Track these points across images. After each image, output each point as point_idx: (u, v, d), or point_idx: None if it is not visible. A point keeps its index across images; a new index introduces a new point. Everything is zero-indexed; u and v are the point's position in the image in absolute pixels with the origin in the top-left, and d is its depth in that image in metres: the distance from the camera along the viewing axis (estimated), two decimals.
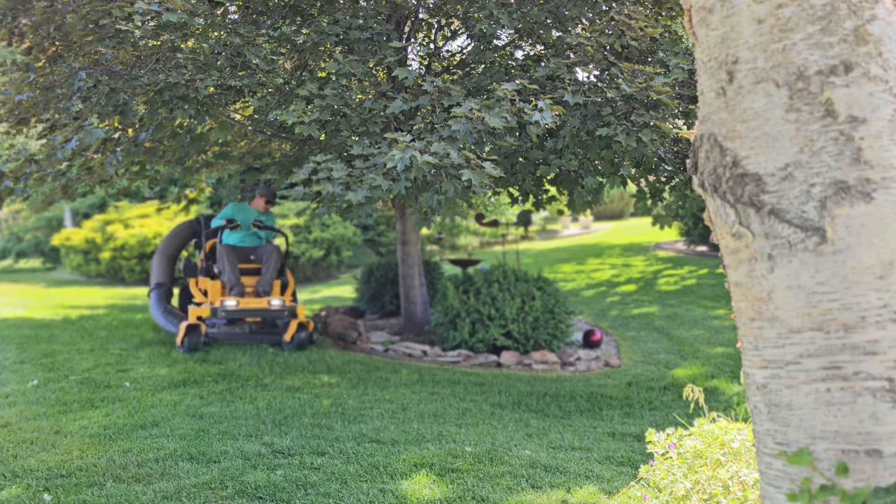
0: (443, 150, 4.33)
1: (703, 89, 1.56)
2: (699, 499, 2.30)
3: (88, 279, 15.07)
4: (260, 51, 5.27)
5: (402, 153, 4.25)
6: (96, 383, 5.08)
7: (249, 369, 5.69)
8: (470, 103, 4.55)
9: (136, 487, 3.19)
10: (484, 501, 3.16)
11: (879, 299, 1.37)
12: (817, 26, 1.40)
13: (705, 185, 1.55)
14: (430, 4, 6.44)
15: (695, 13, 1.55)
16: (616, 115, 5.08)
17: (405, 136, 4.42)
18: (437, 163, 4.27)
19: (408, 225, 7.46)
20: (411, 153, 4.24)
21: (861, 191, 1.37)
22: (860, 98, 1.38)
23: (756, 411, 1.53)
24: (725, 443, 2.45)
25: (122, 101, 5.10)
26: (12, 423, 4.16)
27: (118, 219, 14.95)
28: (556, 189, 7.13)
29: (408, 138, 4.41)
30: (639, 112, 4.98)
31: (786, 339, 1.44)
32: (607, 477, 3.53)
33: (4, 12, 5.62)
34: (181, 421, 4.20)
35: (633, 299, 9.65)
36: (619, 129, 4.91)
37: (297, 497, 3.12)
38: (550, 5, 5.61)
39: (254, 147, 7.63)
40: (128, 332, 7.28)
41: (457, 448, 3.84)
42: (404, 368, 6.09)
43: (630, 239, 16.98)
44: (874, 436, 1.36)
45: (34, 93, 5.38)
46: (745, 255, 1.49)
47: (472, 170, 4.39)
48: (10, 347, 6.43)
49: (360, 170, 4.51)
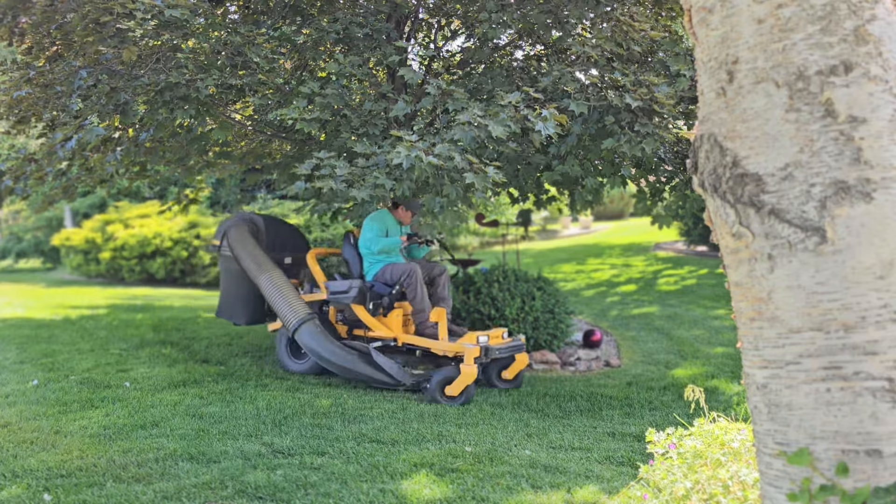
0: (447, 151, 4.33)
1: (703, 89, 1.56)
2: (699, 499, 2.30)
3: (88, 279, 15.08)
4: (260, 50, 5.27)
5: (407, 151, 4.25)
6: (96, 383, 5.08)
7: (249, 369, 5.69)
8: (474, 109, 4.55)
9: (136, 487, 3.19)
10: (484, 501, 3.16)
11: (879, 299, 1.37)
12: (817, 26, 1.40)
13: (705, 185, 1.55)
14: (430, 4, 6.44)
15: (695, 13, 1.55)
16: (620, 125, 5.09)
17: (411, 135, 4.43)
18: (440, 164, 4.27)
19: None
20: (416, 152, 4.24)
21: (861, 191, 1.37)
22: (860, 98, 1.38)
23: (756, 411, 1.53)
24: (725, 443, 2.45)
25: (122, 100, 5.10)
26: (12, 423, 4.16)
27: (118, 219, 14.95)
28: (557, 189, 7.13)
29: (413, 137, 4.42)
30: (642, 121, 4.99)
31: (786, 339, 1.44)
32: (607, 477, 3.53)
33: (5, 11, 5.62)
34: (181, 421, 4.20)
35: (633, 299, 9.65)
36: (623, 139, 4.93)
37: (297, 497, 3.12)
38: (550, 5, 5.61)
39: (254, 147, 7.63)
40: (128, 332, 7.28)
41: (457, 448, 3.84)
42: None
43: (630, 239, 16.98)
44: (874, 436, 1.36)
45: (33, 90, 5.38)
46: (745, 255, 1.49)
47: (475, 173, 4.40)
48: (10, 347, 6.43)
49: (362, 168, 4.51)
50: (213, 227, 14.25)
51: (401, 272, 5.51)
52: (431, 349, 5.33)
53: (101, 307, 9.49)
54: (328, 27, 5.35)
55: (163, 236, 13.92)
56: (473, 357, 5.04)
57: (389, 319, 5.51)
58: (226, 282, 6.19)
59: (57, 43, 5.59)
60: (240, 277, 5.96)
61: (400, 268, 5.54)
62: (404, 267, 5.52)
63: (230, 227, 6.06)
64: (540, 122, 4.53)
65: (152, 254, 14.13)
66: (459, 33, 6.89)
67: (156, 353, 6.18)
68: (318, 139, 6.12)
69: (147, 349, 6.33)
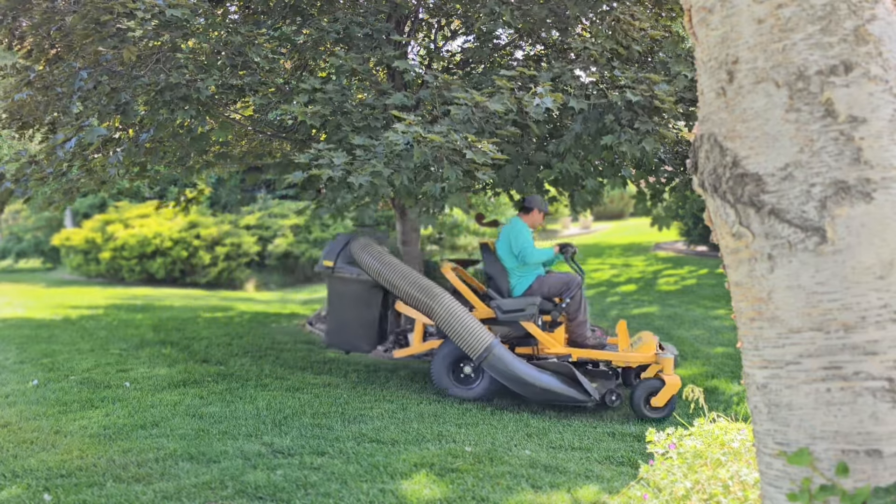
0: (446, 130, 4.31)
1: (703, 89, 1.56)
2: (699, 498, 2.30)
3: (88, 279, 15.07)
4: (261, 49, 5.28)
5: (406, 128, 4.23)
6: (96, 383, 5.08)
7: (249, 369, 5.69)
8: (471, 92, 4.56)
9: (136, 487, 3.19)
10: (484, 501, 3.16)
11: (879, 299, 1.37)
12: (817, 26, 1.40)
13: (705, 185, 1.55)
14: (430, 4, 6.45)
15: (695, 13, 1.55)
16: (620, 123, 5.08)
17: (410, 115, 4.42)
18: (441, 141, 4.23)
19: (408, 225, 7.46)
20: (415, 129, 4.21)
21: (861, 191, 1.37)
22: (860, 98, 1.38)
23: (756, 411, 1.53)
24: (725, 443, 2.46)
25: (122, 100, 5.10)
26: (12, 423, 4.16)
27: (118, 219, 14.95)
28: (557, 189, 7.13)
29: (412, 117, 4.41)
30: (642, 119, 4.98)
31: (786, 339, 1.44)
32: (607, 477, 3.53)
33: (5, 12, 5.62)
34: (181, 421, 4.20)
35: (633, 299, 9.65)
36: (623, 137, 4.91)
37: (297, 497, 3.12)
38: (551, 4, 5.61)
39: (254, 147, 7.63)
40: (128, 332, 7.28)
41: (457, 448, 3.84)
42: (404, 368, 6.09)
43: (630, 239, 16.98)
44: (874, 436, 1.36)
45: (33, 92, 5.38)
46: (745, 255, 1.49)
47: (474, 151, 4.36)
48: (10, 347, 6.43)
49: (361, 159, 4.50)
50: (213, 227, 14.26)
51: (561, 283, 5.27)
52: (613, 362, 5.12)
53: (101, 307, 9.49)
54: (328, 27, 5.35)
55: (163, 236, 13.93)
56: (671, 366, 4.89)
57: (555, 335, 5.25)
58: (341, 306, 5.47)
59: (57, 45, 5.59)
60: (361, 300, 5.40)
61: (557, 279, 5.29)
62: (563, 277, 5.29)
63: (351, 246, 5.39)
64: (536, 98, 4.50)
65: (152, 254, 14.13)
66: (459, 33, 6.89)
67: (156, 353, 6.18)
68: (318, 139, 6.12)
69: (147, 349, 6.33)
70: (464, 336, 4.95)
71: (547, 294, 5.29)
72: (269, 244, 14.76)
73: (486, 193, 4.85)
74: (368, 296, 5.38)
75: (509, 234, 5.29)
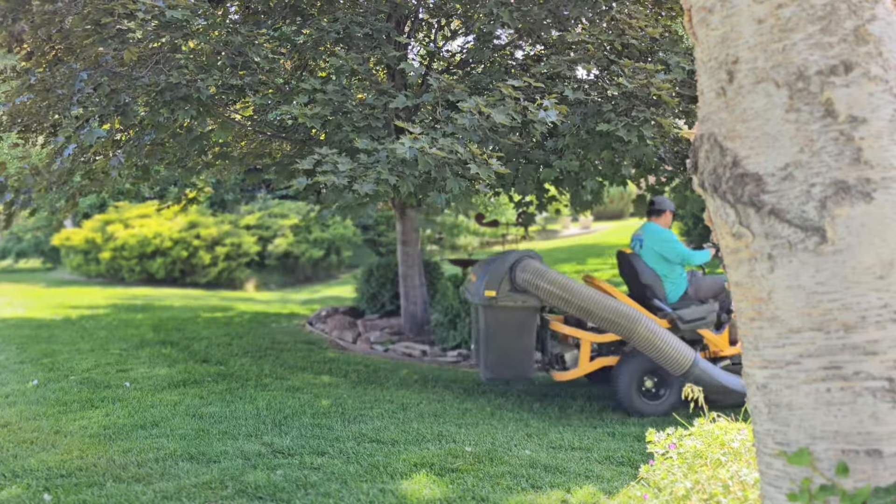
0: (450, 143, 4.32)
1: (703, 89, 1.56)
2: (699, 499, 2.30)
3: (88, 279, 15.07)
4: (261, 50, 5.27)
5: (410, 143, 4.24)
6: (96, 383, 5.08)
7: (249, 369, 5.69)
8: (475, 99, 4.55)
9: (136, 487, 3.19)
10: (484, 501, 3.16)
11: (879, 299, 1.37)
12: (817, 26, 1.40)
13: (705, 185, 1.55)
14: (430, 4, 6.45)
15: (695, 13, 1.55)
16: (616, 112, 5.08)
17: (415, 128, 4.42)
18: (444, 156, 4.24)
19: (408, 225, 7.46)
20: (420, 143, 4.23)
21: (861, 191, 1.37)
22: (860, 98, 1.38)
23: (756, 411, 1.53)
24: (725, 443, 2.45)
25: (123, 101, 5.10)
26: (12, 423, 4.16)
27: (118, 219, 14.94)
28: (557, 189, 7.13)
29: (417, 130, 4.41)
30: (639, 108, 4.98)
31: (786, 339, 1.44)
32: (607, 477, 3.53)
33: (5, 14, 5.62)
34: (181, 421, 4.20)
35: None
36: (620, 124, 4.89)
37: (297, 497, 3.12)
38: (550, 4, 5.61)
39: (254, 147, 7.63)
40: (128, 332, 7.28)
41: (457, 448, 3.84)
42: (404, 368, 6.09)
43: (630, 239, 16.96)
44: (874, 436, 1.36)
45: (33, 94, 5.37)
46: (745, 255, 1.49)
47: (478, 165, 4.38)
48: (10, 347, 6.43)
49: (364, 165, 4.49)
50: (213, 227, 14.25)
51: (716, 286, 5.27)
52: None
53: (101, 307, 9.48)
54: (328, 27, 5.35)
55: (163, 236, 13.92)
56: None
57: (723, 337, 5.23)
58: (503, 335, 5.19)
59: (57, 47, 5.59)
60: (525, 327, 5.17)
61: (712, 282, 5.31)
62: (717, 280, 5.32)
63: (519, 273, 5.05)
64: (541, 111, 4.52)
65: (152, 254, 14.13)
66: (459, 33, 6.89)
67: (156, 353, 6.18)
68: (317, 139, 6.12)
69: (147, 349, 6.33)
70: (668, 353, 4.84)
71: (703, 297, 5.30)
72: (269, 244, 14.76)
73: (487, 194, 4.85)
74: (531, 321, 5.20)
75: (653, 241, 5.23)
